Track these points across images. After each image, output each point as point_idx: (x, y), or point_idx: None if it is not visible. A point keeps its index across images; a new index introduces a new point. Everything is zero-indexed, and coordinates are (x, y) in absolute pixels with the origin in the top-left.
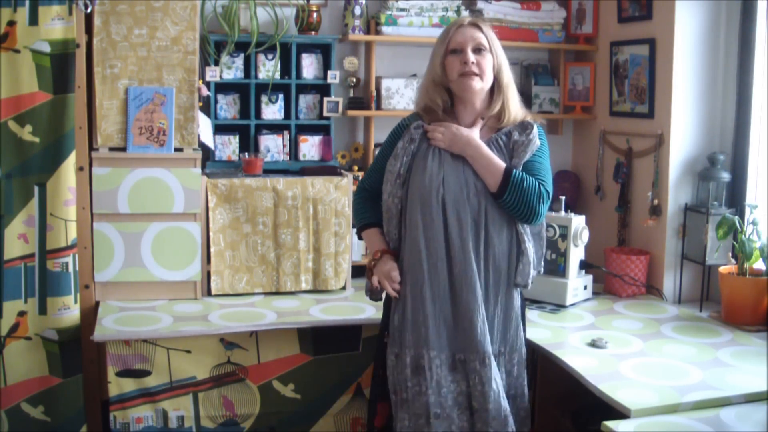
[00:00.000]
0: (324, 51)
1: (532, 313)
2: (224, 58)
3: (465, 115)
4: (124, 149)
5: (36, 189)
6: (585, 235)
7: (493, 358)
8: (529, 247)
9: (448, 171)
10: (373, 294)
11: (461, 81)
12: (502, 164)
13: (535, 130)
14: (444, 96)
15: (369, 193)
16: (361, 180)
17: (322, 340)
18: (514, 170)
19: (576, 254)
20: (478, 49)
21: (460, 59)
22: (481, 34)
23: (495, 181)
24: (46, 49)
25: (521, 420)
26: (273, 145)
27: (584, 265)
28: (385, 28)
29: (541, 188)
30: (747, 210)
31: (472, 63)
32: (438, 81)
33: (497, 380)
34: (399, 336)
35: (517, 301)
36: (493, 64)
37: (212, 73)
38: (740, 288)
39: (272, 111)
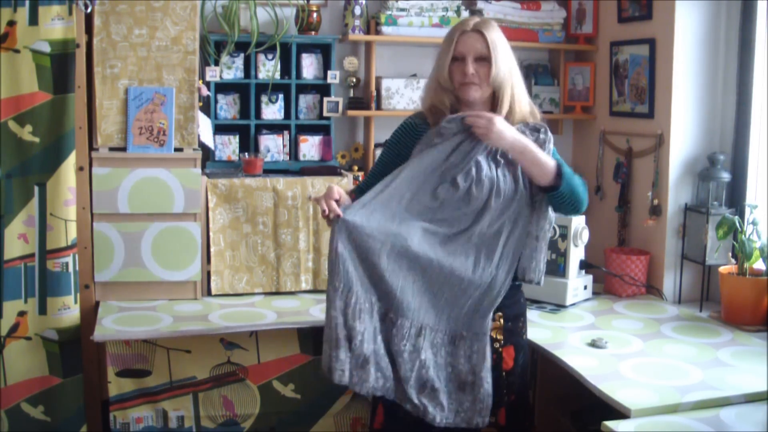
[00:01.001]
0: (324, 51)
1: (532, 313)
2: (224, 58)
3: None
4: (124, 149)
5: (36, 189)
6: (585, 235)
7: (431, 331)
8: (543, 246)
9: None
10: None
11: (462, 90)
12: (550, 158)
13: (549, 133)
14: (451, 98)
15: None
16: (361, 182)
17: (322, 340)
18: (560, 162)
19: (576, 254)
20: (480, 57)
21: (461, 68)
22: (482, 43)
23: (548, 173)
24: (46, 49)
25: (478, 411)
26: (273, 145)
27: (584, 265)
28: (385, 28)
29: (580, 178)
30: (747, 210)
31: (472, 74)
32: (444, 85)
33: (427, 352)
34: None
35: (501, 291)
36: (490, 72)
37: (212, 73)
38: (740, 288)
39: (272, 111)
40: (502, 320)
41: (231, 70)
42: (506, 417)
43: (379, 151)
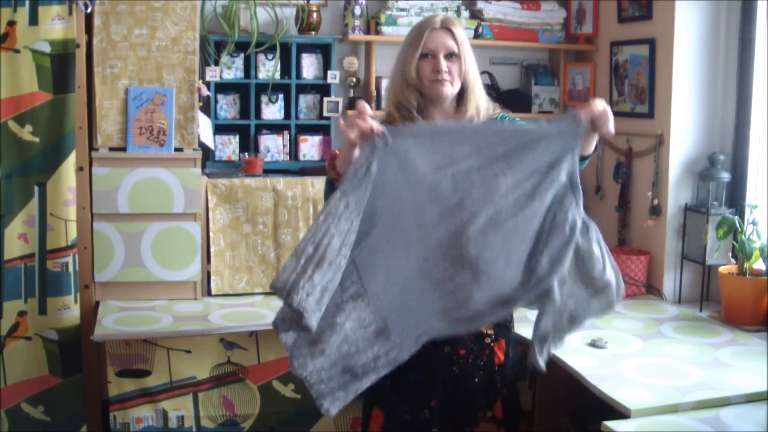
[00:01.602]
0: (324, 51)
1: (532, 313)
2: (224, 58)
3: (436, 115)
4: (124, 149)
5: (36, 189)
6: None
7: (366, 307)
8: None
9: None
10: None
11: (433, 87)
12: None
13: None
14: (417, 97)
15: None
16: None
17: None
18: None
19: None
20: (449, 54)
21: (432, 65)
22: (452, 41)
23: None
24: (46, 49)
25: (336, 399)
26: (273, 145)
27: None
28: (385, 28)
29: None
30: (747, 210)
31: (445, 71)
32: (411, 83)
33: (350, 323)
34: None
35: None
36: (461, 68)
37: (212, 73)
38: (740, 288)
39: (272, 111)
40: None
41: (231, 70)
42: (502, 410)
43: None
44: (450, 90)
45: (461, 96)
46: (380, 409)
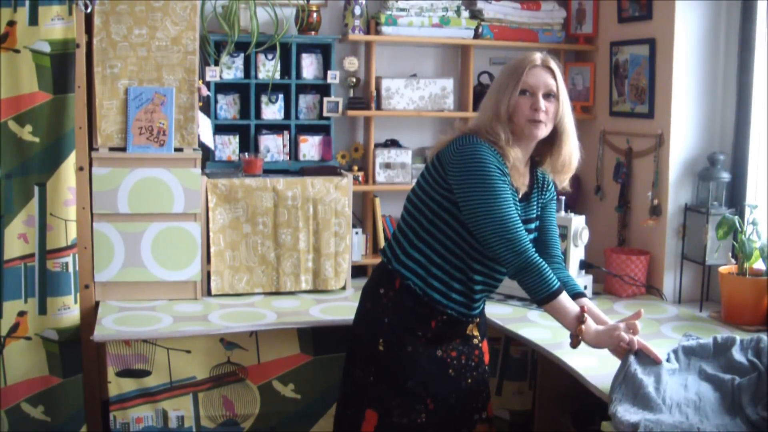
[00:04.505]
0: (324, 51)
1: (532, 313)
2: (224, 58)
3: (521, 152)
4: (124, 149)
5: (36, 189)
6: (585, 235)
7: None
8: None
9: None
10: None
11: (528, 126)
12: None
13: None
14: (508, 132)
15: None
16: (518, 229)
17: (322, 340)
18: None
19: (576, 254)
20: (547, 94)
21: (530, 103)
22: (552, 79)
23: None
24: (46, 49)
25: None
26: (273, 145)
27: (584, 265)
28: (385, 28)
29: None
30: (747, 210)
31: (543, 111)
32: (503, 117)
33: None
34: None
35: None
36: (558, 110)
37: (212, 73)
38: (740, 288)
39: (272, 111)
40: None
41: (231, 70)
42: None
43: (378, 152)
44: (543, 132)
45: (549, 141)
46: (374, 411)
